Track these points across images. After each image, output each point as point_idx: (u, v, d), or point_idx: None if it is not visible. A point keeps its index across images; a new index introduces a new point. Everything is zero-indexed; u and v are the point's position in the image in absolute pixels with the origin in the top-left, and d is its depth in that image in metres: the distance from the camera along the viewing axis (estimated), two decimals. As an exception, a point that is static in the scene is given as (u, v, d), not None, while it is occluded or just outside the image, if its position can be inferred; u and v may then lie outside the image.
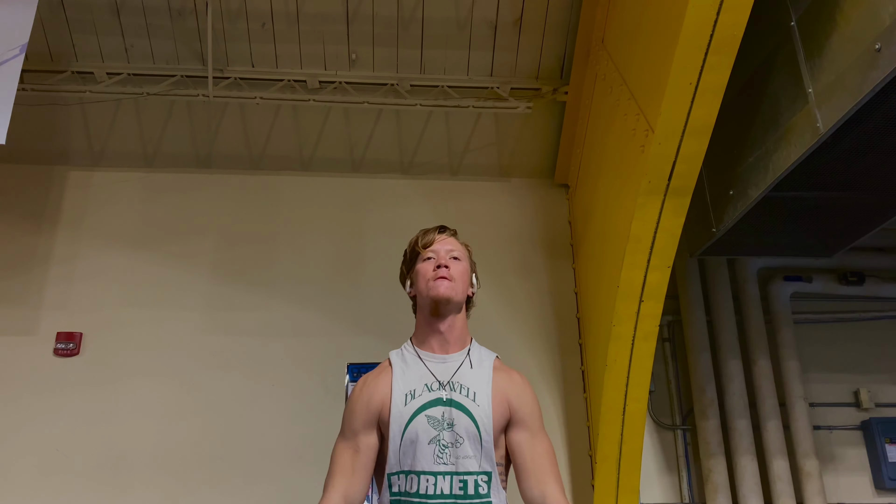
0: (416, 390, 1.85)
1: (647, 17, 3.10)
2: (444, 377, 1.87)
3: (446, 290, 1.90)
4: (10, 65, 3.23)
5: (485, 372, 1.90)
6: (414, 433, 1.79)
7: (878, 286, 4.45)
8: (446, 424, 1.79)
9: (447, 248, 1.99)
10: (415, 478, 1.76)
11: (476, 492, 1.75)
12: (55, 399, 3.99)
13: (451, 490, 1.74)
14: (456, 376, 1.87)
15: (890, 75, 2.22)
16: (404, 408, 1.83)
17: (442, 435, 1.78)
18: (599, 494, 3.85)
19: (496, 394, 1.87)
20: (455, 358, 1.91)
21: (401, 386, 1.86)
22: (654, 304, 3.35)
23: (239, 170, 4.63)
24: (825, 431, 4.28)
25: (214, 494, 3.88)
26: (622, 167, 3.41)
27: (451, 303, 1.92)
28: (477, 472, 1.76)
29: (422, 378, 1.87)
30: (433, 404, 1.82)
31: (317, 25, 4.23)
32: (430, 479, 1.75)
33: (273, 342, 4.21)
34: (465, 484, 1.75)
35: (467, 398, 1.83)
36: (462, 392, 1.84)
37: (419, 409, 1.82)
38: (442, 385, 1.85)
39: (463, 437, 1.78)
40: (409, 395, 1.84)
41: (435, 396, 1.83)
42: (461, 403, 1.82)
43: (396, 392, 1.85)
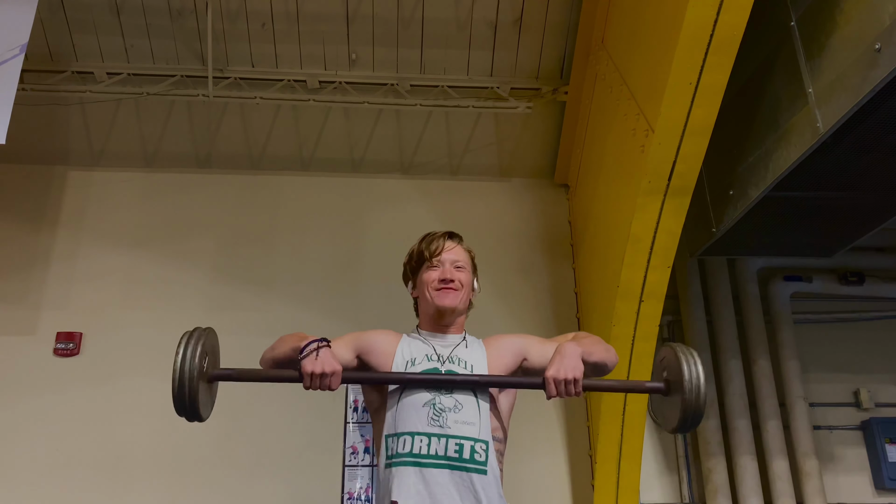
0: (417, 359, 1.93)
1: (647, 18, 3.10)
2: (444, 353, 1.95)
3: (451, 301, 1.98)
4: (10, 65, 3.23)
5: (479, 349, 1.99)
6: (411, 396, 1.84)
7: (878, 286, 4.45)
8: (444, 390, 1.84)
9: (452, 259, 2.05)
10: (408, 438, 1.80)
11: (472, 457, 1.78)
12: (55, 399, 3.99)
13: (445, 451, 1.77)
14: (454, 352, 1.96)
15: (890, 75, 2.22)
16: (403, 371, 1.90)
17: (438, 398, 1.83)
18: (599, 494, 3.85)
19: (492, 361, 1.95)
20: (453, 337, 2.01)
21: (404, 353, 1.95)
22: (654, 304, 3.35)
23: (239, 170, 4.63)
24: (825, 431, 4.28)
25: (214, 494, 3.88)
26: (622, 167, 3.41)
27: (455, 312, 2.01)
28: (474, 439, 1.80)
29: (423, 350, 1.96)
30: (431, 372, 1.89)
31: (317, 25, 4.23)
32: (424, 440, 1.78)
33: (273, 342, 4.19)
34: (460, 448, 1.78)
35: (465, 369, 1.91)
36: (460, 365, 1.92)
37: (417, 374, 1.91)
38: (441, 359, 1.93)
39: (462, 403, 1.83)
40: (409, 362, 1.92)
41: (434, 365, 1.91)
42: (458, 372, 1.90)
43: (398, 357, 1.93)
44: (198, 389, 1.73)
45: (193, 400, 1.73)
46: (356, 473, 3.89)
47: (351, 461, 3.92)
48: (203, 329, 1.83)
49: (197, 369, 1.73)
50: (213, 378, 1.85)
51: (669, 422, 1.85)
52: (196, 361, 1.73)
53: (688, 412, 1.75)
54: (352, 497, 3.85)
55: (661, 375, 1.89)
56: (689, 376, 1.75)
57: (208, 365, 1.81)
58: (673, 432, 1.93)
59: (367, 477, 3.89)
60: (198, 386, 1.73)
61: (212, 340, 1.87)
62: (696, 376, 1.75)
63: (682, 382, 1.76)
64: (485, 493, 1.75)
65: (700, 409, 1.75)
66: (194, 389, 1.72)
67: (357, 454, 3.93)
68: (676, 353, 1.81)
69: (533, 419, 4.04)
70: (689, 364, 1.77)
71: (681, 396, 1.76)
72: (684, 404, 1.75)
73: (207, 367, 1.80)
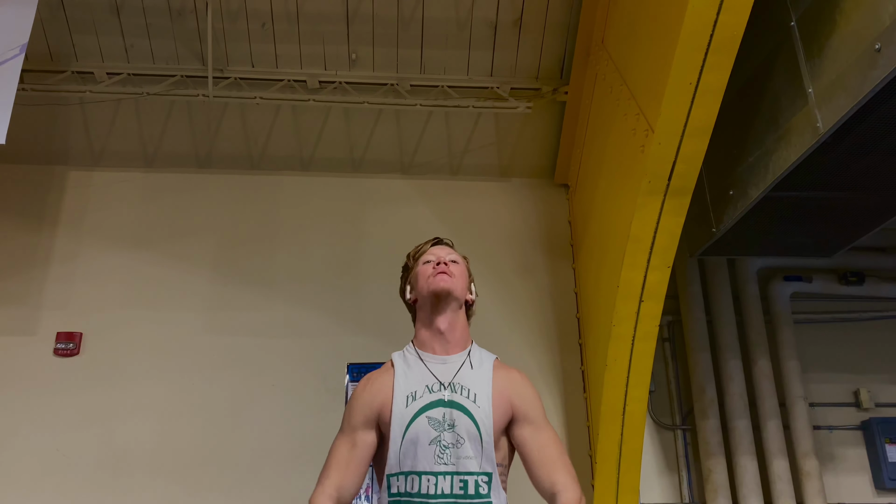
0: (418, 392, 1.86)
1: (647, 18, 3.10)
2: (445, 378, 1.88)
3: (446, 283, 1.94)
4: (10, 65, 3.23)
5: (485, 373, 1.92)
6: (415, 434, 1.80)
7: (878, 286, 4.45)
8: (447, 425, 1.80)
9: (445, 253, 2.05)
10: (416, 478, 1.77)
11: (476, 492, 1.76)
12: (55, 399, 3.99)
13: (451, 490, 1.75)
14: (457, 377, 1.89)
15: (890, 75, 2.22)
16: (405, 409, 1.84)
17: (443, 436, 1.79)
18: (599, 494, 3.85)
19: (497, 394, 1.88)
20: (455, 359, 1.93)
21: (402, 387, 1.88)
22: (654, 304, 3.35)
23: (239, 170, 4.63)
24: (825, 431, 4.28)
25: (214, 494, 3.88)
26: (622, 167, 3.41)
27: (451, 296, 1.95)
28: (477, 473, 1.77)
29: (423, 379, 1.89)
30: (434, 405, 1.84)
31: (317, 25, 4.23)
32: (431, 480, 1.76)
33: (273, 342, 4.20)
34: (465, 484, 1.76)
35: (468, 399, 1.84)
36: (462, 393, 1.85)
37: (420, 411, 1.84)
38: (443, 386, 1.87)
39: (464, 437, 1.79)
40: (410, 396, 1.86)
41: (436, 398, 1.85)
42: (462, 404, 1.84)
43: (398, 393, 1.87)
44: None
45: None
46: (356, 473, 3.89)
47: (351, 461, 3.91)
48: None
49: None
50: None
51: None
52: None
53: None
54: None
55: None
56: None
57: None
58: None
59: (368, 477, 3.89)
60: None
61: None
62: None
63: None
64: None
65: None
66: None
67: (357, 454, 3.92)
68: None
69: (533, 419, 4.04)
70: None
71: None
72: None
73: None
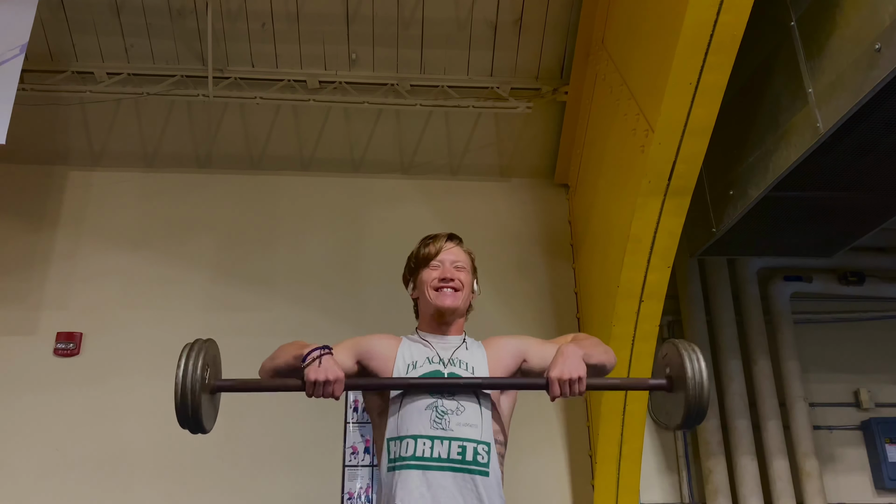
0: (418, 362, 1.92)
1: (647, 18, 3.10)
2: (445, 355, 1.95)
3: (452, 302, 1.99)
4: (10, 65, 3.23)
5: (479, 350, 1.99)
6: (413, 399, 1.84)
7: (878, 286, 4.45)
8: (446, 393, 1.84)
9: (452, 259, 2.05)
10: (411, 441, 1.79)
11: (475, 459, 1.78)
12: (55, 399, 3.99)
13: (448, 454, 1.77)
14: (455, 354, 1.95)
15: (890, 75, 2.22)
16: (405, 375, 1.90)
17: (440, 401, 1.83)
18: (599, 494, 3.85)
19: (493, 363, 1.95)
20: (454, 339, 2.01)
21: (404, 356, 1.94)
22: (654, 304, 3.35)
23: (239, 170, 4.63)
24: (825, 431, 4.28)
25: (214, 494, 3.88)
26: (622, 167, 3.41)
27: (456, 313, 2.02)
28: (476, 441, 1.80)
29: (423, 353, 1.95)
30: (433, 374, 1.89)
31: (317, 25, 4.23)
32: (427, 443, 1.78)
33: (273, 342, 4.17)
34: (463, 450, 1.78)
35: (466, 371, 1.91)
36: (461, 366, 1.92)
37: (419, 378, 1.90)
38: (442, 361, 1.93)
39: (464, 406, 1.83)
40: (410, 364, 1.92)
41: (435, 368, 1.90)
42: (461, 376, 1.89)
43: (399, 361, 1.93)
44: (200, 402, 1.70)
45: (196, 412, 1.70)
46: (356, 473, 3.90)
47: (351, 461, 3.92)
48: (204, 340, 1.80)
49: (199, 381, 1.70)
50: (215, 389, 1.82)
51: (673, 418, 1.82)
52: (198, 374, 1.70)
53: (691, 407, 1.72)
54: (352, 497, 3.85)
55: (664, 372, 1.85)
56: (692, 373, 1.73)
57: (210, 376, 1.78)
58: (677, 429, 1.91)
59: (367, 477, 3.89)
60: (200, 398, 1.70)
61: (213, 351, 1.84)
62: (700, 372, 1.73)
63: (685, 379, 1.73)
64: (487, 495, 1.76)
65: (703, 404, 1.72)
66: (196, 402, 1.69)
67: (357, 454, 3.93)
68: (679, 350, 1.79)
69: (533, 419, 4.04)
70: (692, 360, 1.75)
71: (684, 392, 1.73)
72: (687, 400, 1.72)
73: (210, 378, 1.77)
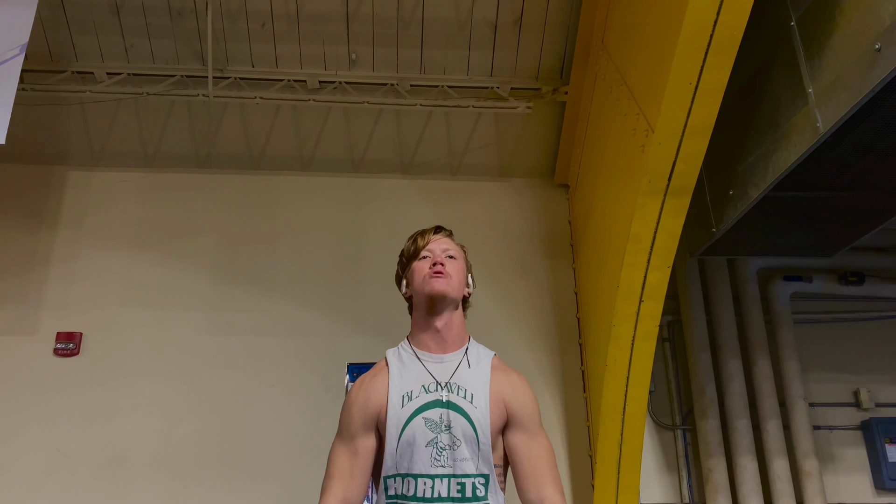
0: (414, 392, 1.83)
1: (647, 18, 3.10)
2: (443, 378, 1.85)
3: (442, 286, 1.89)
4: (10, 65, 3.23)
5: (483, 372, 1.88)
6: (411, 435, 1.77)
7: (878, 286, 4.45)
8: (444, 426, 1.78)
9: (443, 248, 1.99)
10: (412, 480, 1.75)
11: (474, 494, 1.74)
12: (55, 399, 3.99)
13: (448, 493, 1.73)
14: (454, 377, 1.86)
15: (890, 75, 2.22)
16: (401, 410, 1.81)
17: (440, 437, 1.77)
18: (599, 494, 3.85)
19: (494, 395, 1.85)
20: (453, 358, 1.90)
21: (398, 387, 1.84)
22: (654, 304, 3.35)
23: (239, 170, 4.63)
24: (825, 431, 4.28)
25: (214, 494, 3.88)
26: (622, 167, 3.41)
27: (447, 299, 1.91)
28: (474, 475, 1.76)
29: (419, 379, 1.85)
30: (431, 406, 1.81)
31: (317, 25, 4.23)
32: (428, 482, 1.74)
33: (273, 342, 4.20)
34: (462, 486, 1.74)
35: (465, 400, 1.82)
36: (460, 394, 1.83)
37: (416, 412, 1.81)
38: (440, 386, 1.84)
39: (460, 439, 1.77)
40: (405, 396, 1.83)
41: (433, 398, 1.82)
42: (459, 406, 1.81)
43: (393, 394, 1.83)
44: None
45: None
46: (356, 473, 3.89)
47: (351, 461, 3.91)
48: None
49: None
50: None
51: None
52: None
53: None
54: (352, 497, 3.84)
55: None
56: None
57: None
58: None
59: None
60: None
61: None
62: None
63: None
64: None
65: None
66: None
67: (357, 454, 3.92)
68: None
69: (533, 419, 4.04)
70: None
71: None
72: None
73: None
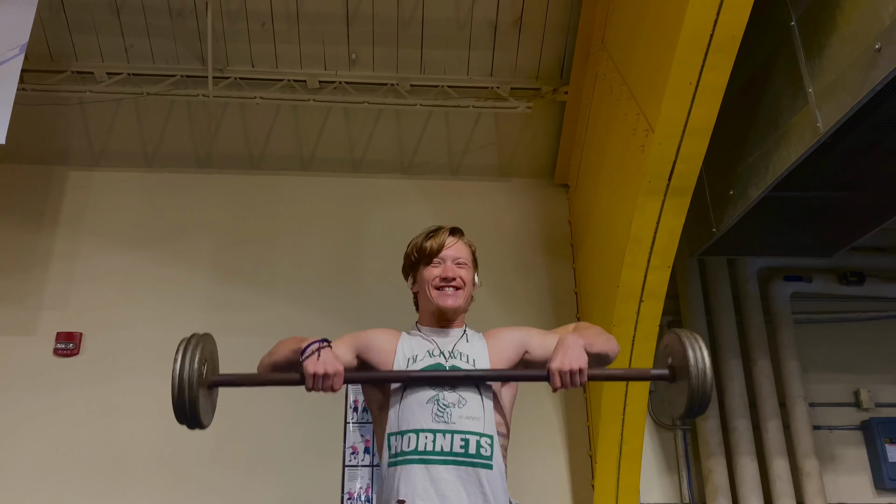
0: (419, 356, 1.91)
1: (647, 18, 3.10)
2: (446, 348, 1.93)
3: (454, 302, 1.97)
4: (10, 65, 3.23)
5: (479, 342, 1.98)
6: (413, 393, 1.83)
7: (878, 286, 4.45)
8: (447, 386, 1.83)
9: (453, 256, 2.02)
10: (413, 436, 1.78)
11: (478, 452, 1.76)
12: (55, 399, 3.99)
13: (451, 447, 1.75)
14: (456, 347, 1.94)
15: (890, 75, 2.22)
16: (405, 369, 1.89)
17: (442, 394, 1.81)
18: (599, 494, 3.85)
19: (494, 355, 1.93)
20: (454, 332, 2.00)
21: (404, 349, 1.93)
22: (654, 304, 3.35)
23: (239, 170, 4.63)
24: (825, 431, 4.28)
25: (214, 494, 3.88)
26: (622, 167, 3.41)
27: (457, 312, 2.01)
28: (479, 434, 1.78)
29: (424, 346, 1.94)
30: (434, 368, 1.88)
31: (317, 25, 4.23)
32: (429, 437, 1.76)
33: (273, 342, 4.17)
34: (466, 443, 1.76)
35: (468, 364, 1.89)
36: (462, 359, 1.90)
37: (420, 371, 1.89)
38: (443, 353, 1.91)
39: (466, 398, 1.81)
40: (411, 358, 1.90)
41: (436, 361, 1.89)
42: (462, 368, 1.88)
43: (399, 354, 1.92)
44: (198, 396, 1.69)
45: (193, 407, 1.69)
46: (356, 473, 3.89)
47: (351, 461, 3.92)
48: (201, 335, 1.79)
49: (196, 376, 1.68)
50: (212, 384, 1.81)
51: (676, 408, 1.79)
52: (195, 368, 1.69)
53: (695, 395, 1.70)
54: (352, 497, 3.84)
55: (666, 362, 1.83)
56: (694, 361, 1.71)
57: (207, 371, 1.76)
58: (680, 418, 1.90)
59: (367, 477, 3.89)
60: (197, 392, 1.69)
61: (210, 346, 1.83)
62: (702, 360, 1.71)
63: (687, 367, 1.71)
64: (491, 488, 1.75)
65: (707, 392, 1.71)
66: (194, 396, 1.68)
67: (357, 454, 3.92)
68: (681, 339, 1.77)
69: (533, 419, 4.04)
70: (695, 348, 1.73)
71: (687, 381, 1.71)
72: (691, 388, 1.70)
73: (207, 373, 1.76)
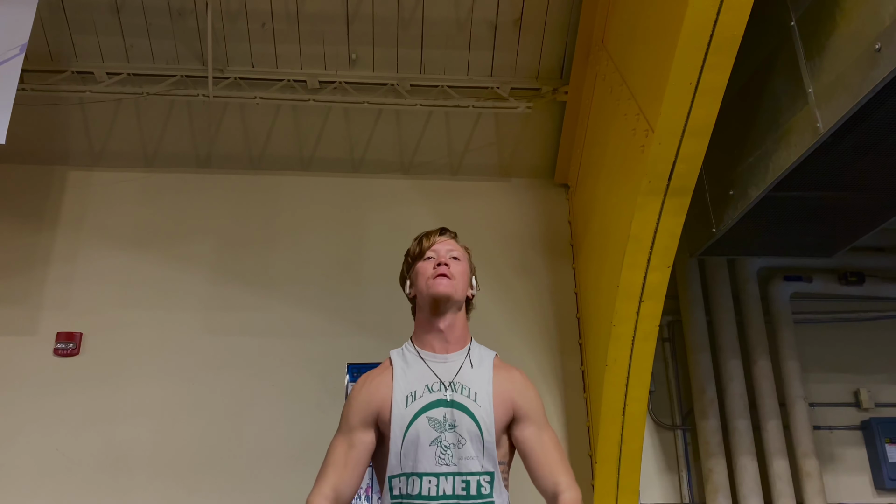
0: (417, 392, 1.85)
1: (647, 18, 3.10)
2: (446, 377, 1.87)
3: (446, 288, 1.91)
4: (10, 65, 3.23)
5: (485, 371, 1.90)
6: (415, 435, 1.78)
7: (878, 286, 4.44)
8: (448, 425, 1.79)
9: (447, 248, 2.01)
10: (416, 479, 1.75)
11: (479, 492, 1.75)
12: (55, 399, 3.99)
13: (453, 491, 1.74)
14: (458, 377, 1.87)
15: (890, 75, 2.22)
16: (405, 409, 1.82)
17: (444, 436, 1.78)
18: (599, 494, 3.85)
19: (497, 393, 1.87)
20: (455, 357, 1.92)
21: (402, 387, 1.86)
22: (654, 304, 3.35)
23: (239, 170, 4.63)
24: (825, 431, 4.28)
25: (214, 494, 3.88)
26: (622, 167, 3.41)
27: (451, 301, 1.94)
28: (479, 473, 1.76)
29: (423, 378, 1.87)
30: (434, 405, 1.82)
31: (317, 25, 4.23)
32: (433, 481, 1.74)
33: (273, 342, 4.20)
34: (467, 484, 1.75)
35: (468, 398, 1.83)
36: (463, 392, 1.84)
37: (420, 411, 1.82)
38: (444, 385, 1.85)
39: (465, 437, 1.78)
40: (409, 396, 1.84)
41: (436, 398, 1.83)
42: (463, 404, 1.82)
43: (397, 393, 1.85)
44: None
45: None
46: (356, 473, 3.89)
47: (351, 461, 3.91)
48: None
49: None
50: None
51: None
52: None
53: None
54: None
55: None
56: None
57: None
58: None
59: (367, 477, 3.88)
60: None
61: None
62: None
63: None
64: None
65: None
66: None
67: (357, 454, 3.92)
68: None
69: (533, 419, 4.04)
70: None
71: None
72: None
73: None
